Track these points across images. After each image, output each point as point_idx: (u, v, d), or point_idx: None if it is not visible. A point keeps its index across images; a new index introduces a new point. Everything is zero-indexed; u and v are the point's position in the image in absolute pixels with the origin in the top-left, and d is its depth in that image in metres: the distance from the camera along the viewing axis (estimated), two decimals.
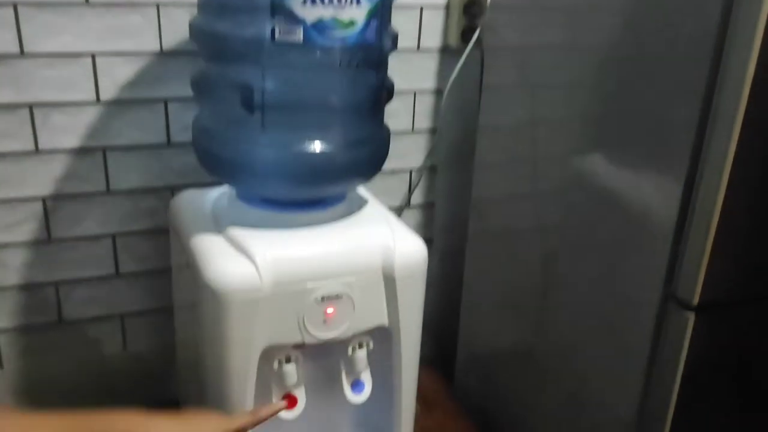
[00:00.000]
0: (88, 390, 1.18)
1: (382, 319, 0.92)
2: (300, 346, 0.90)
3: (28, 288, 1.13)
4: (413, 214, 1.37)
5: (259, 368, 0.88)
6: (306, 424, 0.99)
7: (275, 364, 0.89)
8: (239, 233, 0.87)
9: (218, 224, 0.91)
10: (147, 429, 0.68)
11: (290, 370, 0.90)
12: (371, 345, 0.95)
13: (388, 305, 0.91)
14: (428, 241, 0.94)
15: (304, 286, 0.85)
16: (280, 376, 0.90)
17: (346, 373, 0.96)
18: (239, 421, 0.75)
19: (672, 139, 0.79)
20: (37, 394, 1.17)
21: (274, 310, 0.84)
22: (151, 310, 1.21)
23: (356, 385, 0.96)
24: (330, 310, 0.87)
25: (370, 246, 0.89)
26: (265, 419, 0.78)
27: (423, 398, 1.23)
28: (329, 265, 0.86)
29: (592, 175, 0.93)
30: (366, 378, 0.97)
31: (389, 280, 0.89)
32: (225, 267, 0.83)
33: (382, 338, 0.95)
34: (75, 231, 1.12)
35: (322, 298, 0.86)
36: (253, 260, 0.83)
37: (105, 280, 1.17)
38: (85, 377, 1.19)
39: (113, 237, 1.15)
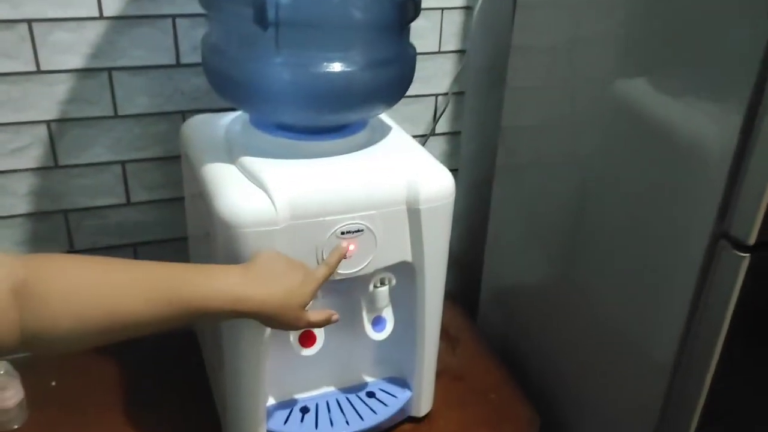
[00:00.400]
0: None
1: (406, 255, 0.87)
2: None
3: (37, 216, 1.08)
4: (438, 144, 1.30)
5: None
6: (325, 361, 0.95)
7: None
8: (253, 163, 0.81)
9: (231, 153, 0.84)
10: (245, 305, 0.70)
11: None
12: (393, 281, 0.90)
13: (412, 240, 0.85)
14: (453, 172, 0.87)
15: (322, 220, 0.79)
16: None
17: (367, 310, 0.91)
18: (321, 273, 0.77)
19: (732, 60, 0.70)
20: None
21: (290, 246, 0.78)
22: (164, 241, 1.17)
23: (377, 322, 0.92)
24: (351, 247, 0.82)
25: (394, 177, 0.83)
26: (337, 266, 0.80)
27: (445, 333, 1.19)
28: (349, 197, 0.80)
29: (636, 101, 0.85)
30: (388, 315, 0.92)
31: (414, 214, 0.83)
32: (238, 199, 0.77)
33: (406, 274, 0.89)
34: (83, 157, 1.07)
35: (342, 233, 0.80)
36: (268, 192, 0.77)
37: (116, 209, 1.12)
38: None
39: (123, 164, 1.10)
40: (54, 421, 0.97)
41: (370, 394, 0.98)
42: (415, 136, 1.08)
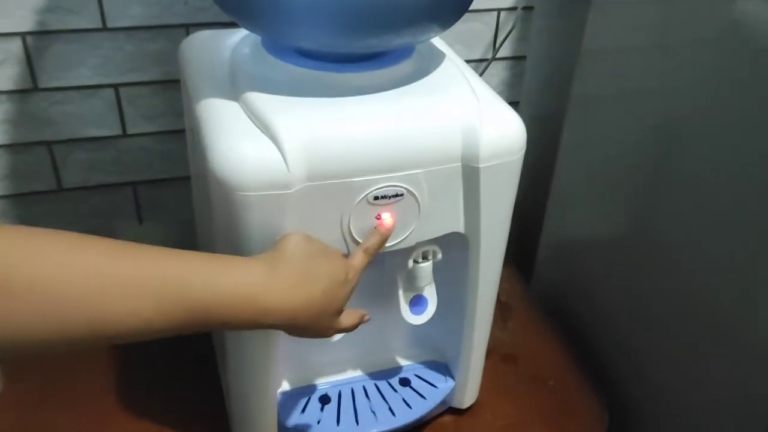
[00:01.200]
0: None
1: (457, 225, 0.67)
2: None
3: (15, 149, 0.91)
4: (497, 71, 1.08)
5: None
6: (350, 342, 0.78)
7: None
8: (261, 100, 0.61)
9: (235, 84, 0.64)
10: (273, 316, 0.54)
11: None
12: (439, 255, 0.71)
13: (467, 207, 0.66)
14: (514, 105, 0.67)
15: (350, 181, 0.60)
16: None
17: (405, 289, 0.73)
18: (360, 263, 0.61)
19: None
20: None
21: (307, 214, 0.60)
22: (169, 180, 0.99)
23: (417, 302, 0.74)
24: (386, 215, 0.63)
25: (447, 125, 0.63)
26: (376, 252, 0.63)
27: (497, 302, 1.01)
28: (387, 151, 0.60)
29: (757, 19, 0.63)
30: (430, 294, 0.74)
31: (470, 174, 0.63)
32: (238, 150, 0.58)
33: (455, 247, 0.70)
34: (67, 79, 0.88)
35: (376, 198, 0.61)
36: (278, 142, 0.57)
37: (110, 141, 0.94)
38: None
39: (116, 88, 0.91)
40: (33, 392, 0.83)
41: (405, 382, 0.81)
42: (468, 62, 0.87)
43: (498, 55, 1.05)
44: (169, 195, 1.00)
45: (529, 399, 0.87)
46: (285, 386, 0.79)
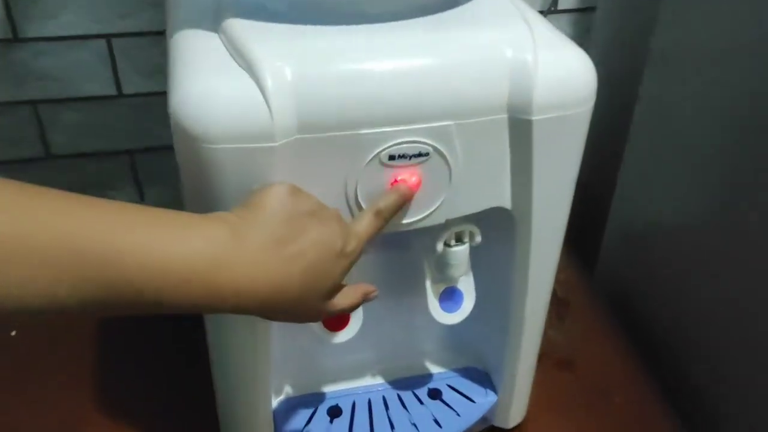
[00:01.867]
0: None
1: (501, 197, 0.52)
2: None
3: None
4: (559, 26, 0.91)
5: None
6: (367, 342, 0.64)
7: None
8: (243, 27, 0.47)
9: (218, 11, 0.50)
10: (239, 299, 0.39)
11: None
12: (478, 238, 0.56)
13: (515, 173, 0.50)
14: None
15: (356, 134, 0.45)
16: None
17: (434, 280, 0.58)
18: (365, 230, 0.45)
19: None
20: None
21: (299, 178, 0.45)
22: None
23: (449, 296, 0.59)
24: (411, 179, 0.47)
25: (489, 60, 0.47)
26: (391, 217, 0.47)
27: (552, 297, 0.85)
28: (407, 94, 0.45)
29: None
30: (465, 287, 0.59)
31: (520, 128, 0.48)
32: (206, 89, 0.43)
33: (499, 227, 0.55)
34: (50, 28, 0.76)
35: (392, 158, 0.46)
36: (258, 78, 0.43)
37: (103, 101, 0.82)
38: None
39: (108, 39, 0.78)
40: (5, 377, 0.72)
41: (435, 394, 0.66)
42: None
43: (560, 7, 0.88)
44: (172, 165, 0.87)
45: (589, 417, 0.71)
46: (287, 392, 0.65)
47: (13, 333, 0.77)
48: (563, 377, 0.75)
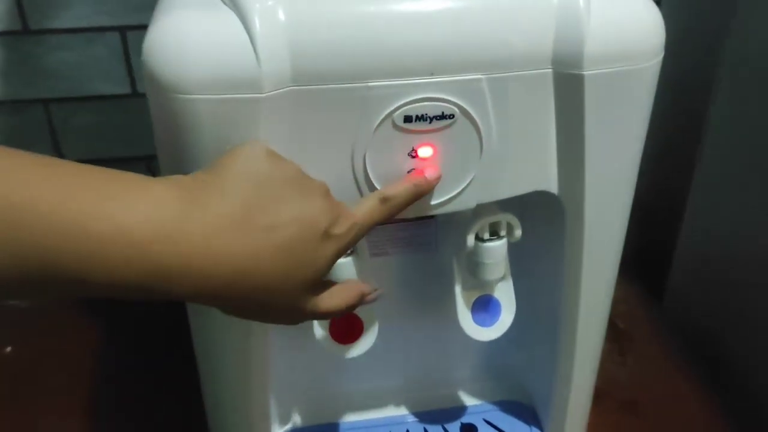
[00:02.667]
0: None
1: (546, 178, 0.42)
2: None
3: (6, 106, 0.75)
4: None
5: None
6: (394, 373, 0.54)
7: None
8: None
9: None
10: (189, 281, 0.30)
11: (343, 271, 0.44)
12: (518, 231, 0.46)
13: (563, 145, 0.41)
14: None
15: (364, 86, 0.36)
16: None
17: (465, 286, 0.48)
18: (366, 215, 0.37)
19: None
20: None
21: (293, 140, 0.37)
22: None
23: (484, 307, 0.49)
24: (426, 151, 0.39)
25: (529, 3, 0.38)
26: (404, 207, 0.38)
27: (612, 330, 0.74)
28: (426, 40, 0.37)
29: None
30: (504, 295, 0.49)
31: (568, 86, 0.38)
32: (181, 29, 0.36)
33: (544, 218, 0.45)
34: (63, 19, 0.71)
35: (408, 120, 0.37)
36: (245, 18, 0.35)
37: (117, 101, 0.76)
38: None
39: (121, 31, 0.73)
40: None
41: (469, 430, 0.55)
42: None
43: None
44: None
45: None
46: (294, 422, 0.55)
47: (8, 349, 0.71)
48: (626, 421, 0.63)
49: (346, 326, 0.46)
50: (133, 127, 0.78)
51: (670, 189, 0.79)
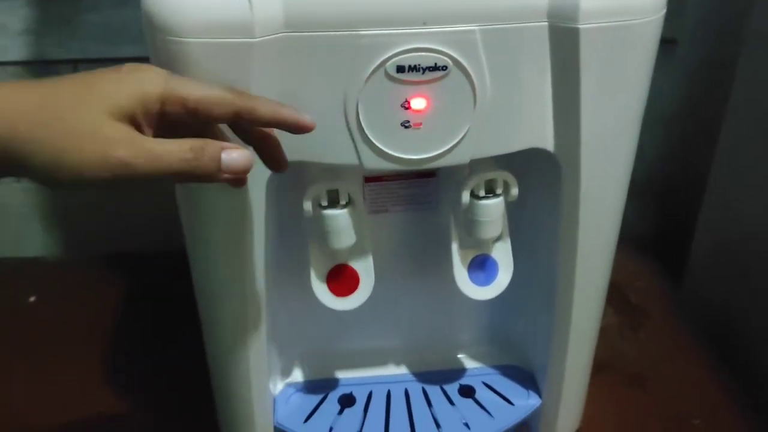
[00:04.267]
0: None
1: (542, 135, 0.42)
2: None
3: (37, 66, 0.77)
4: None
5: (275, 210, 0.44)
6: (388, 324, 0.55)
7: (308, 207, 0.44)
8: None
9: None
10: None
11: (337, 221, 0.45)
12: (514, 190, 0.46)
13: (558, 102, 0.40)
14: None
15: (356, 34, 0.37)
16: (321, 233, 0.45)
17: (461, 244, 0.48)
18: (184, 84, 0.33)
19: None
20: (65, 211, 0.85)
21: (285, 87, 0.38)
22: None
23: (481, 266, 0.49)
24: (419, 102, 0.39)
25: None
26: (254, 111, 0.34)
27: (622, 299, 0.73)
28: None
29: None
30: (501, 255, 0.49)
31: (564, 40, 0.38)
32: None
33: (541, 177, 0.45)
34: None
35: (401, 70, 0.38)
36: None
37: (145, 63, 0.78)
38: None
39: None
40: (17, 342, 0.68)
41: (467, 392, 0.56)
42: None
43: None
44: None
45: None
46: (295, 376, 0.57)
47: (32, 299, 0.74)
48: (632, 394, 0.63)
49: (342, 276, 0.47)
50: None
51: (691, 175, 0.77)
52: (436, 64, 0.38)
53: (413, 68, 0.38)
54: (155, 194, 0.83)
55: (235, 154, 0.33)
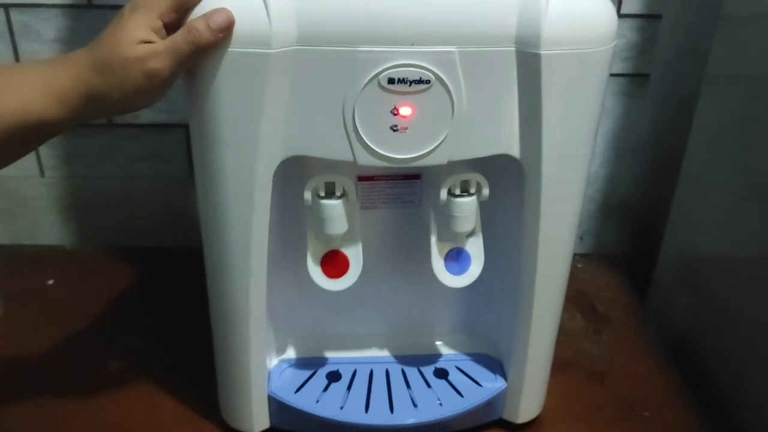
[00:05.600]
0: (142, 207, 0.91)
1: (509, 143, 0.49)
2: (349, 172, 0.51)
3: None
4: (622, 31, 0.88)
5: (280, 199, 0.51)
6: (374, 308, 0.62)
7: (308, 196, 0.52)
8: None
9: None
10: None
11: (333, 209, 0.52)
12: (485, 190, 0.53)
13: (524, 115, 0.48)
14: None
15: (355, 50, 0.44)
16: (317, 218, 0.52)
17: (439, 236, 0.56)
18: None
19: None
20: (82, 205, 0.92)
21: (295, 92, 0.45)
22: None
23: (456, 257, 0.56)
24: (405, 110, 0.46)
25: None
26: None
27: (587, 304, 0.81)
28: (409, 14, 0.44)
29: None
30: (473, 247, 0.56)
31: (528, 63, 0.46)
32: None
33: (509, 182, 0.53)
34: None
35: (391, 82, 0.45)
36: None
37: None
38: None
39: None
40: (36, 318, 0.74)
41: (441, 374, 0.62)
42: None
43: (623, 11, 0.86)
44: None
45: (613, 429, 0.65)
46: (289, 354, 0.63)
47: (50, 282, 0.80)
48: (591, 388, 0.69)
49: (334, 259, 0.54)
50: (170, 97, 0.87)
51: (657, 199, 0.85)
52: (420, 78, 0.45)
53: (401, 80, 0.45)
54: (165, 192, 0.90)
55: (216, 15, 0.43)
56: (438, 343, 0.65)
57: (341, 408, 0.58)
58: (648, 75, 0.88)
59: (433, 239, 0.55)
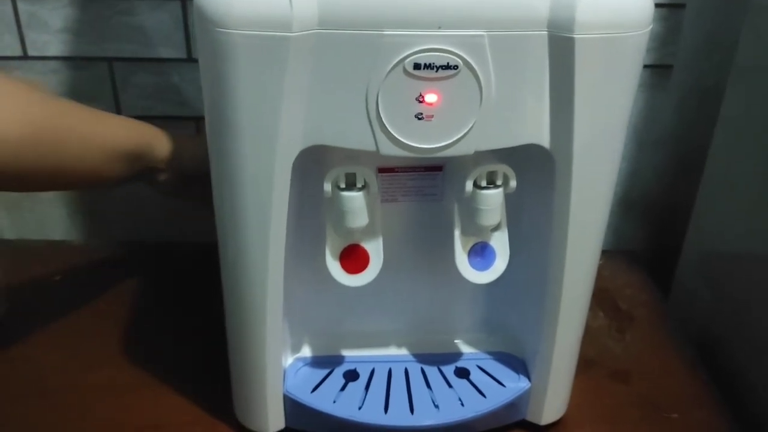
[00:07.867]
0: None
1: (539, 132, 0.47)
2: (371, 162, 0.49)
3: (75, 62, 0.83)
4: None
5: (299, 192, 0.49)
6: (392, 306, 0.60)
7: (328, 187, 0.49)
8: None
9: None
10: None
11: (353, 202, 0.50)
12: (513, 182, 0.51)
13: (555, 103, 0.46)
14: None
15: (379, 34, 0.42)
16: (337, 211, 0.50)
17: (463, 230, 0.53)
18: None
19: None
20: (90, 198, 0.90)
21: (316, 77, 0.43)
22: None
23: (480, 253, 0.54)
24: (431, 97, 0.44)
25: None
26: None
27: (610, 302, 0.78)
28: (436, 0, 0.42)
29: None
30: (499, 244, 0.54)
31: (561, 48, 0.43)
32: None
33: (538, 174, 0.50)
34: None
35: (417, 67, 0.43)
36: None
37: (173, 65, 0.83)
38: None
39: (182, 0, 0.80)
40: (39, 314, 0.72)
41: (462, 373, 0.60)
42: None
43: None
44: None
45: (638, 430, 0.62)
46: (305, 352, 0.61)
47: (57, 277, 0.79)
48: (615, 388, 0.67)
49: (354, 255, 0.52)
50: (185, 87, 0.85)
51: (685, 190, 0.82)
52: (448, 63, 0.43)
53: (428, 66, 0.43)
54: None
55: None
56: (459, 341, 0.63)
57: (359, 408, 0.56)
58: (671, 66, 0.86)
59: (457, 233, 0.53)
